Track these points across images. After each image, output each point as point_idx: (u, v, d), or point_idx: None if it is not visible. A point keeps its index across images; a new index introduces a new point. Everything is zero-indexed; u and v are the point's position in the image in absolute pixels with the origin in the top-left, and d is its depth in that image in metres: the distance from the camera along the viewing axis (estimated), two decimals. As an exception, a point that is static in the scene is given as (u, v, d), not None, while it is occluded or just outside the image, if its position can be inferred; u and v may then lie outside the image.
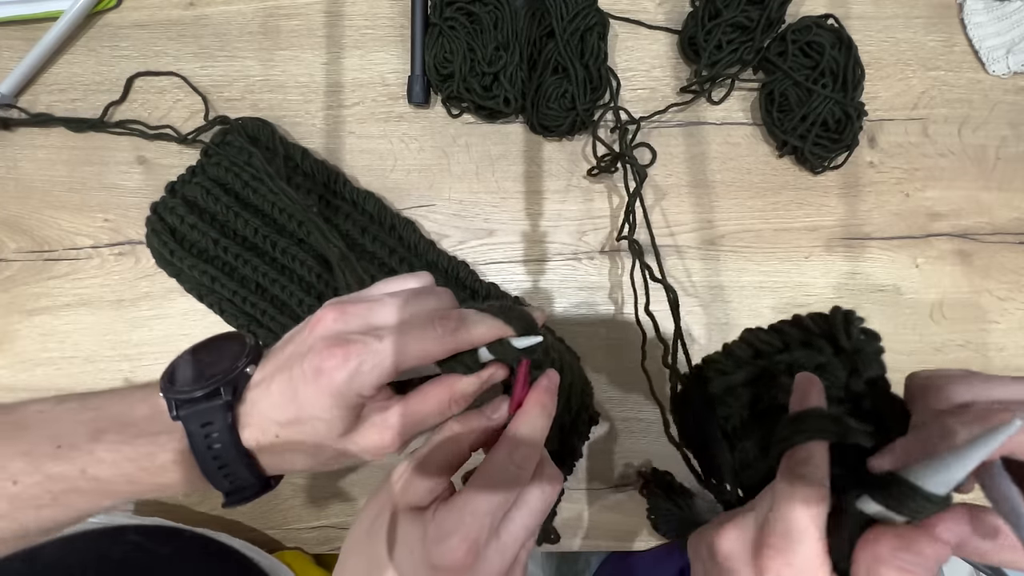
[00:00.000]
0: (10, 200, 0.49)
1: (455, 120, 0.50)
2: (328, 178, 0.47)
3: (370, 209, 0.47)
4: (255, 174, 0.45)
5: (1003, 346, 0.48)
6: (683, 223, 0.49)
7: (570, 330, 0.47)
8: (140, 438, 0.28)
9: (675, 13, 0.51)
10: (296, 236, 0.46)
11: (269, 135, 0.47)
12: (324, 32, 0.51)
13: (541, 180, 0.49)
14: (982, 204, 0.49)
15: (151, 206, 0.47)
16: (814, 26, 0.47)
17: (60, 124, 0.49)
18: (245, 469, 0.28)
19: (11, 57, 0.51)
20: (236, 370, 0.29)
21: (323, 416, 0.27)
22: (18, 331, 0.47)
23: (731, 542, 0.26)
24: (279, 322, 0.45)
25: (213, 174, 0.46)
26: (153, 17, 0.51)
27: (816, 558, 0.23)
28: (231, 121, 0.47)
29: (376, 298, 0.29)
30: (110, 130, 0.49)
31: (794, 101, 0.47)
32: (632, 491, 0.46)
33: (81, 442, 0.28)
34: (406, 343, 0.26)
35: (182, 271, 0.46)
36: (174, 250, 0.45)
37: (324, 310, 0.28)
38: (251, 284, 0.45)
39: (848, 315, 0.26)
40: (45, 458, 0.28)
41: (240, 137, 0.46)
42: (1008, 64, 0.50)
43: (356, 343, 0.26)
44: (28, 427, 0.29)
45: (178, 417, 0.28)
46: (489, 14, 0.47)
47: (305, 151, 0.48)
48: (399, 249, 0.46)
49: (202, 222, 0.45)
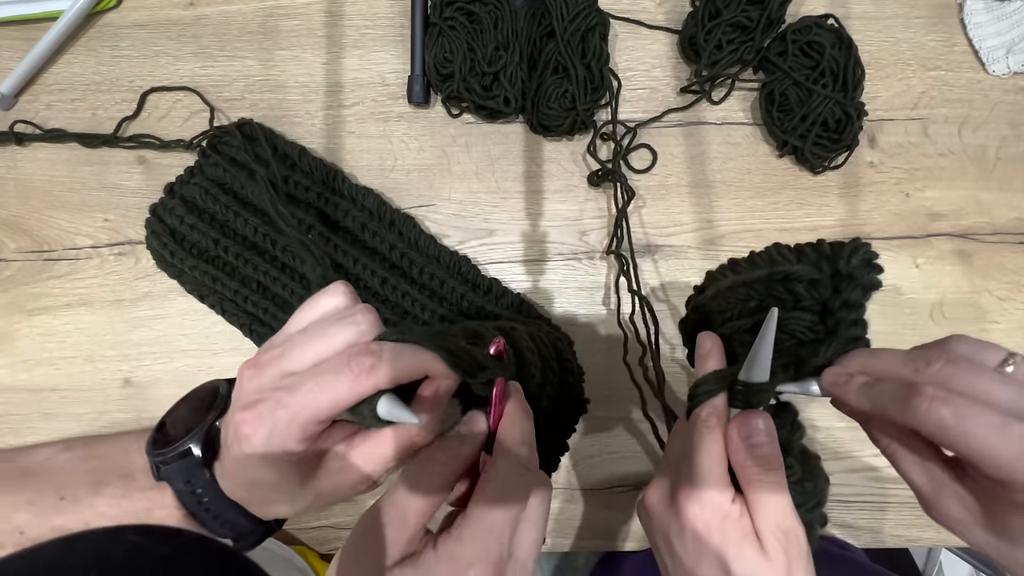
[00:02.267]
0: (10, 200, 0.49)
1: (455, 120, 0.50)
2: (327, 175, 0.47)
3: (369, 205, 0.47)
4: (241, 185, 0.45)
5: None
6: (683, 223, 0.49)
7: (569, 330, 0.47)
8: (139, 492, 0.29)
9: (675, 13, 0.51)
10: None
11: (265, 134, 0.47)
12: (324, 32, 0.51)
13: (541, 180, 0.49)
14: (982, 204, 0.49)
15: (150, 208, 0.47)
16: (814, 26, 0.47)
17: (74, 140, 0.49)
18: (240, 516, 0.28)
19: (11, 57, 0.51)
20: (204, 425, 0.28)
21: (266, 476, 0.26)
22: (18, 331, 0.47)
23: (654, 496, 0.30)
24: (281, 320, 0.45)
25: (212, 174, 0.46)
26: (153, 17, 0.51)
27: (719, 490, 0.27)
28: (226, 127, 0.47)
29: (288, 339, 0.27)
30: (123, 145, 0.49)
31: (794, 101, 0.47)
32: (628, 490, 0.46)
33: (84, 495, 0.29)
34: (317, 390, 0.24)
35: (183, 272, 0.46)
36: (174, 251, 0.45)
37: (241, 369, 0.26)
38: (252, 283, 0.45)
39: (858, 247, 0.28)
40: (50, 510, 0.29)
41: (236, 139, 0.46)
42: (1008, 64, 0.50)
43: (266, 402, 0.24)
44: (34, 475, 0.30)
45: (161, 477, 0.28)
46: (489, 14, 0.47)
47: (303, 149, 0.48)
48: (399, 244, 0.46)
49: (201, 222, 0.45)
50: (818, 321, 0.29)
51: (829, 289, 0.28)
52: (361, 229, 0.46)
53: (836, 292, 0.28)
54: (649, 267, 0.48)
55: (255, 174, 0.44)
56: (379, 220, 0.47)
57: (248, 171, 0.45)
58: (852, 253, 0.28)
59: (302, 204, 0.46)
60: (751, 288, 0.31)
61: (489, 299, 0.46)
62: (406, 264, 0.46)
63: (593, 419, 0.46)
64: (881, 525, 0.46)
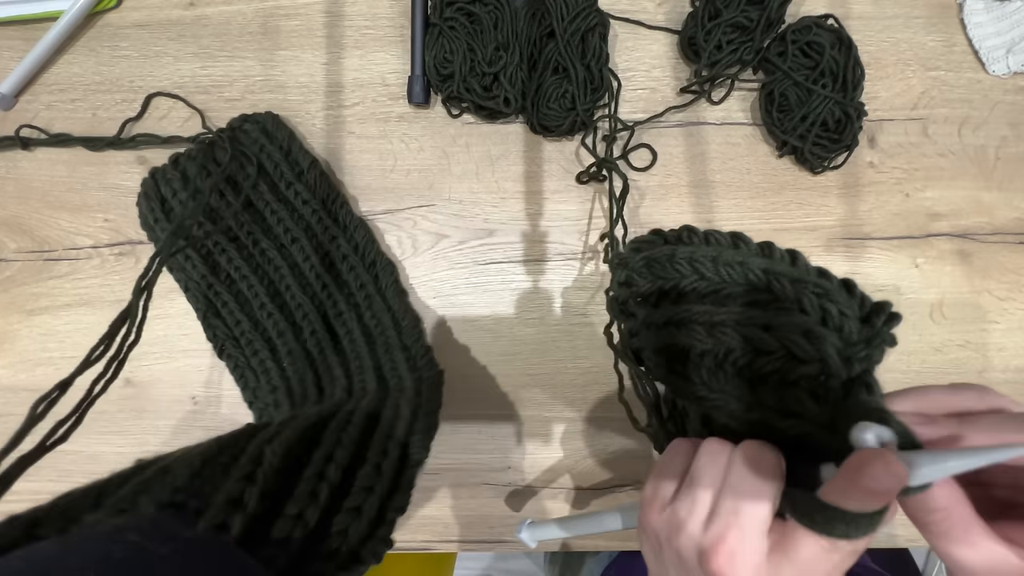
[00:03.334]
0: (10, 200, 0.49)
1: (455, 120, 0.50)
2: (327, 196, 0.47)
3: (358, 239, 0.47)
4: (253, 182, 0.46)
5: (1003, 346, 0.48)
6: (683, 223, 0.49)
7: (569, 331, 0.47)
8: None
9: (675, 13, 0.51)
10: (279, 241, 0.46)
11: (285, 135, 0.47)
12: (324, 32, 0.51)
13: (541, 180, 0.49)
14: (982, 204, 0.49)
15: (150, 171, 0.47)
16: (814, 26, 0.47)
17: (79, 143, 0.49)
18: None
19: (11, 57, 0.51)
20: None
21: None
22: (18, 331, 0.47)
23: (684, 525, 0.26)
24: (235, 317, 0.45)
25: (219, 158, 0.46)
26: (153, 17, 0.51)
27: (759, 546, 0.23)
28: (248, 116, 0.48)
29: None
30: (126, 147, 0.49)
31: (794, 101, 0.47)
32: (628, 490, 0.46)
33: None
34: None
35: (159, 240, 0.46)
36: (158, 219, 0.45)
37: None
38: (221, 273, 0.46)
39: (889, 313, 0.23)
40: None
41: (256, 129, 0.47)
42: (1008, 64, 0.50)
43: None
44: None
45: None
46: (489, 14, 0.47)
47: (313, 162, 0.48)
48: (369, 286, 0.46)
49: (193, 202, 0.45)
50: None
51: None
52: (342, 259, 0.46)
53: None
54: (649, 267, 0.48)
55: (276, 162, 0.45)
56: (361, 257, 0.47)
57: (279, 148, 0.46)
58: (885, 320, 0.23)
59: (295, 214, 0.46)
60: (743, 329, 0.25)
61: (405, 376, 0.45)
62: (365, 308, 0.46)
63: (593, 419, 0.46)
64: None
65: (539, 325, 0.48)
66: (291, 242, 0.45)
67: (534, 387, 0.47)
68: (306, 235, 0.46)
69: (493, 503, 0.46)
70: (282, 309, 0.45)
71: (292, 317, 0.45)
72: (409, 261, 0.48)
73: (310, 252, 0.45)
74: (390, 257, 0.48)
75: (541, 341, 0.47)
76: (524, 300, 0.48)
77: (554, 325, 0.47)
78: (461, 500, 0.46)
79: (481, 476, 0.46)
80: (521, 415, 0.47)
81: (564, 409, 0.47)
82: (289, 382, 0.44)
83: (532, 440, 0.46)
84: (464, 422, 0.47)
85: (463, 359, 0.47)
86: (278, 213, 0.46)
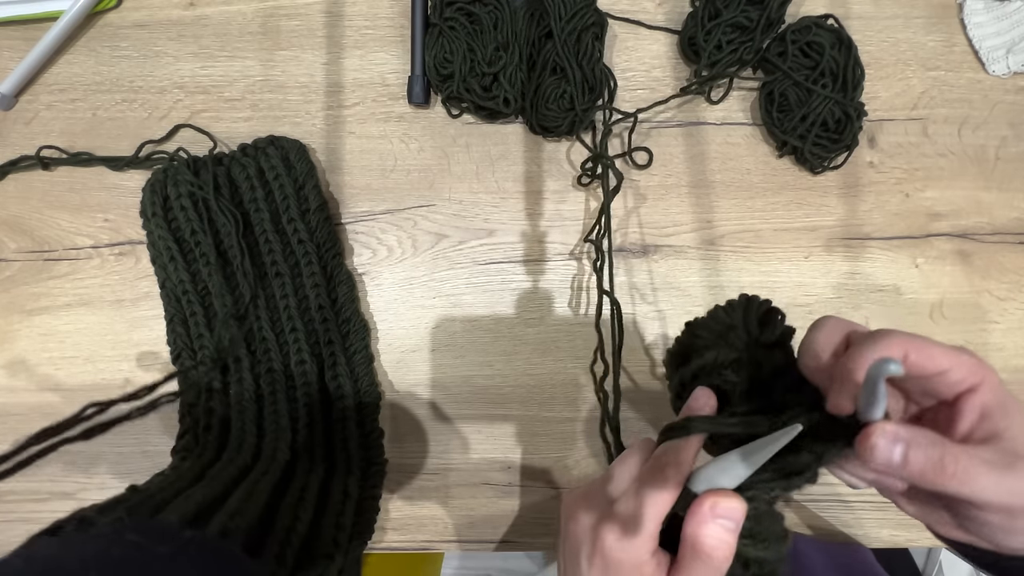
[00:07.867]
0: (10, 200, 0.49)
1: (455, 120, 0.50)
2: (324, 242, 0.46)
3: (339, 293, 0.46)
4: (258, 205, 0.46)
5: (1003, 346, 0.48)
6: (683, 223, 0.49)
7: (569, 331, 0.47)
8: None
9: (675, 13, 0.51)
10: (264, 270, 0.45)
11: (304, 170, 0.47)
12: (324, 32, 0.51)
13: (541, 180, 0.49)
14: (982, 204, 0.49)
15: (166, 165, 0.46)
16: (814, 26, 0.47)
17: (100, 163, 0.49)
18: None
19: (11, 57, 0.51)
20: None
21: None
22: (18, 331, 0.47)
23: (581, 512, 0.29)
24: (198, 331, 0.44)
25: (234, 174, 0.46)
26: (153, 17, 0.52)
27: (648, 540, 0.27)
28: (275, 139, 0.48)
29: None
30: (142, 166, 0.49)
31: (794, 101, 0.47)
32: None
33: None
34: None
35: (151, 231, 0.46)
36: (156, 213, 0.45)
37: None
38: (199, 284, 0.45)
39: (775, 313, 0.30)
40: None
41: (278, 156, 0.46)
42: (1008, 64, 0.50)
43: None
44: None
45: None
46: (489, 14, 0.47)
47: (322, 205, 0.47)
48: (336, 344, 0.45)
49: (193, 209, 0.45)
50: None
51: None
52: (318, 309, 0.45)
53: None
54: (648, 267, 0.48)
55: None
56: (337, 313, 0.46)
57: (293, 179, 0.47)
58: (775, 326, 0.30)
59: (288, 250, 0.46)
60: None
61: (335, 412, 0.45)
62: (329, 366, 0.45)
63: (593, 419, 0.46)
64: (880, 525, 0.46)
65: (539, 325, 0.48)
66: (275, 275, 0.45)
67: (534, 387, 0.47)
68: (291, 273, 0.45)
69: (493, 503, 0.46)
70: (247, 337, 0.44)
71: (254, 348, 0.45)
72: (409, 261, 0.48)
73: (289, 292, 0.45)
74: (390, 260, 0.48)
75: (541, 341, 0.47)
76: (524, 300, 0.48)
77: (554, 325, 0.47)
78: (461, 500, 0.46)
79: (481, 476, 0.46)
80: (521, 415, 0.47)
81: (564, 409, 0.47)
82: (229, 410, 0.43)
83: (532, 440, 0.47)
84: (464, 422, 0.47)
85: (463, 359, 0.47)
86: (272, 243, 0.45)
